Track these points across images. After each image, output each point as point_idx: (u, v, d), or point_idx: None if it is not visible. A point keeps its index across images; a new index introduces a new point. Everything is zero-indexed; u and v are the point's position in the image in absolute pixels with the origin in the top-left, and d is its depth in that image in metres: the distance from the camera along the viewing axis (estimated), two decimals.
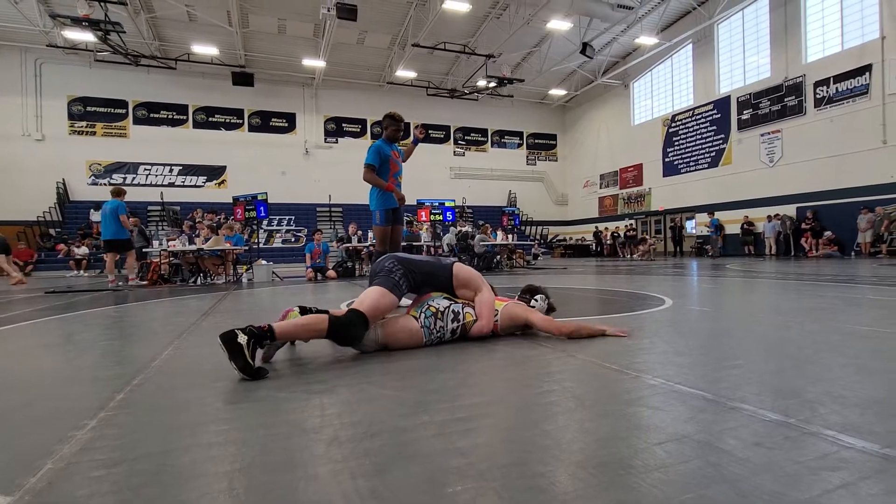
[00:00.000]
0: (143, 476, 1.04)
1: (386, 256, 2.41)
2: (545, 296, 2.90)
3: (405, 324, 2.31)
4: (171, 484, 1.00)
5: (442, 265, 2.53)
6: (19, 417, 1.49)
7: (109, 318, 4.05)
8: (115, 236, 7.81)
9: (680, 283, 6.12)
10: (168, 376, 1.96)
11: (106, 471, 1.07)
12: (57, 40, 16.45)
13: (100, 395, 1.66)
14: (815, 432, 1.19)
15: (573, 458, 1.10)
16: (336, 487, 0.98)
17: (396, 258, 2.39)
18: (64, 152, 18.38)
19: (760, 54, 16.28)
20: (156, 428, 1.34)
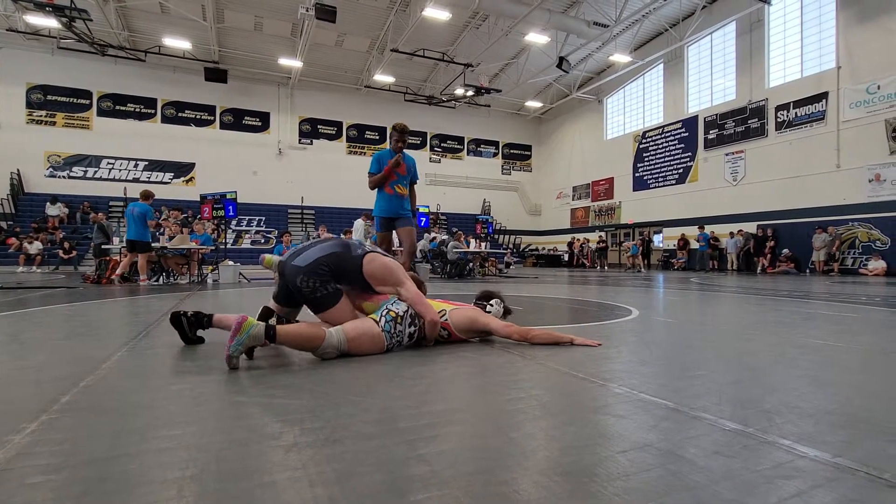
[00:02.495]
0: (86, 483, 0.98)
1: (294, 274, 2.24)
2: (500, 300, 2.88)
3: (368, 329, 2.22)
4: (115, 492, 0.94)
5: (352, 256, 2.32)
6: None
7: (61, 316, 3.85)
8: (138, 237, 7.82)
9: (646, 295, 6.26)
10: (120, 378, 1.86)
11: (44, 477, 1.00)
12: (18, 25, 15.69)
13: (43, 397, 1.56)
14: (771, 441, 1.22)
15: (538, 465, 1.10)
16: (294, 495, 0.94)
17: (302, 271, 2.22)
18: (20, 142, 17.50)
19: (727, 77, 16.98)
20: (103, 432, 1.26)
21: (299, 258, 2.27)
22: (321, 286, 2.22)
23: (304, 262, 2.24)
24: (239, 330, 1.91)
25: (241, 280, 8.73)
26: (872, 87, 12.90)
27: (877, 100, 12.84)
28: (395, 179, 4.48)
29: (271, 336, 1.96)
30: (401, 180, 4.52)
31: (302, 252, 2.30)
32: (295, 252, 2.33)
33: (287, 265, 2.29)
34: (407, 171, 4.55)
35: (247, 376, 1.89)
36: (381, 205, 4.51)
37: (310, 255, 2.26)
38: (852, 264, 13.37)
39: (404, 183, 4.55)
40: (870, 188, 13.02)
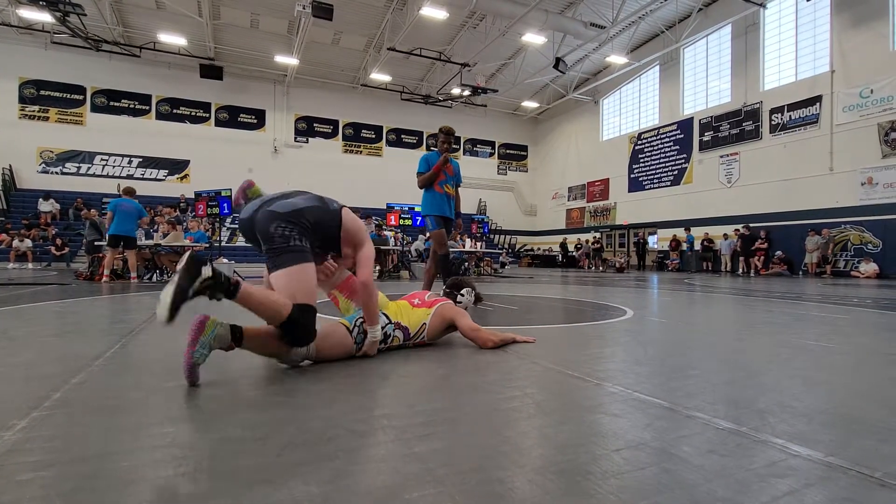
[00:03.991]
0: (76, 480, 0.97)
1: (269, 219, 1.90)
2: (471, 289, 2.84)
3: (340, 339, 2.07)
4: (106, 489, 0.93)
5: (330, 210, 2.11)
6: None
7: (53, 313, 3.81)
8: (131, 233, 7.80)
9: (641, 296, 6.28)
10: (112, 375, 1.84)
11: (34, 474, 0.99)
12: (10, 18, 15.55)
13: (34, 394, 1.54)
14: (764, 440, 1.23)
15: (532, 464, 1.10)
16: (287, 494, 0.93)
17: (281, 217, 1.90)
18: (12, 137, 17.32)
19: (722, 79, 17.07)
20: (94, 429, 1.25)
21: (278, 204, 1.96)
22: (298, 237, 1.90)
23: (285, 209, 1.94)
24: (202, 330, 1.64)
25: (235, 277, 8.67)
26: (866, 91, 13.01)
27: (870, 104, 12.95)
28: (444, 179, 4.57)
29: (238, 338, 1.72)
30: (448, 181, 4.60)
31: (279, 200, 2.01)
32: (269, 199, 2.02)
33: (261, 211, 1.94)
34: (455, 173, 4.65)
35: (238, 376, 1.88)
36: (434, 203, 4.56)
37: (292, 204, 1.97)
38: (844, 266, 13.48)
39: (451, 184, 4.63)
40: (862, 191, 13.13)
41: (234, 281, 1.70)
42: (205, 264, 1.64)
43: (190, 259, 1.61)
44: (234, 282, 1.69)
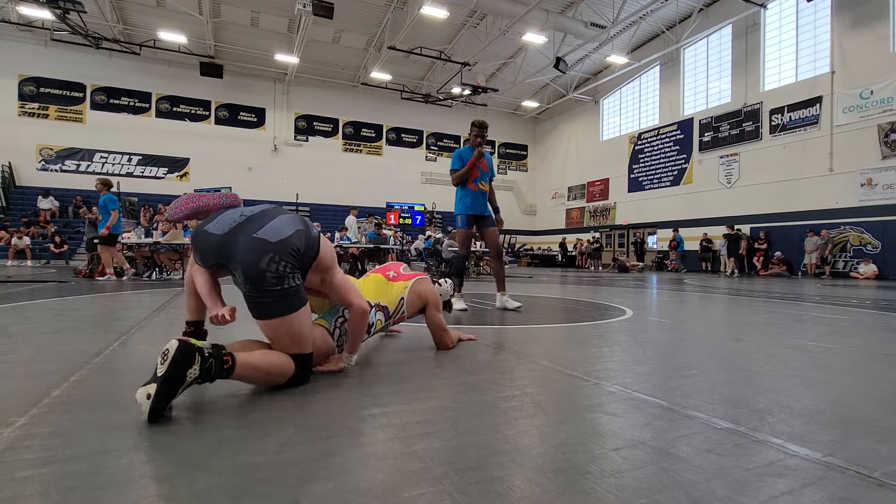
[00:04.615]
0: (75, 478, 0.97)
1: (258, 251, 1.53)
2: (453, 286, 2.76)
3: (322, 344, 1.86)
4: (105, 487, 0.93)
5: (312, 235, 1.70)
6: None
7: (52, 310, 3.81)
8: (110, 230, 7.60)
9: (640, 296, 6.29)
10: (112, 373, 1.84)
11: (34, 471, 0.99)
12: (10, 15, 15.52)
13: (34, 391, 1.54)
14: (763, 440, 1.23)
15: (531, 462, 1.10)
16: (285, 492, 0.93)
17: (273, 249, 1.55)
18: (12, 134, 17.29)
19: (722, 80, 17.07)
20: (93, 427, 1.25)
21: (265, 230, 1.58)
22: (292, 274, 1.57)
23: (275, 238, 1.56)
24: None
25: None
26: (866, 92, 13.01)
27: (870, 105, 12.96)
28: (478, 176, 4.41)
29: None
30: (483, 177, 4.44)
31: (261, 221, 1.61)
32: (246, 220, 1.63)
33: (244, 236, 1.56)
34: (488, 168, 4.49)
35: None
36: (466, 202, 4.38)
37: (279, 229, 1.59)
38: (843, 268, 13.49)
39: (486, 180, 4.46)
40: (862, 192, 13.14)
41: (226, 365, 1.40)
42: (192, 363, 1.31)
43: (177, 354, 1.28)
44: (228, 366, 1.40)
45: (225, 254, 1.60)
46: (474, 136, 4.40)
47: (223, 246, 1.60)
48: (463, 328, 3.29)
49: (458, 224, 4.42)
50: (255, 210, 1.71)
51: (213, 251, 1.62)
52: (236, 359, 1.43)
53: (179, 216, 1.82)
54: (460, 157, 4.44)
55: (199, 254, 1.67)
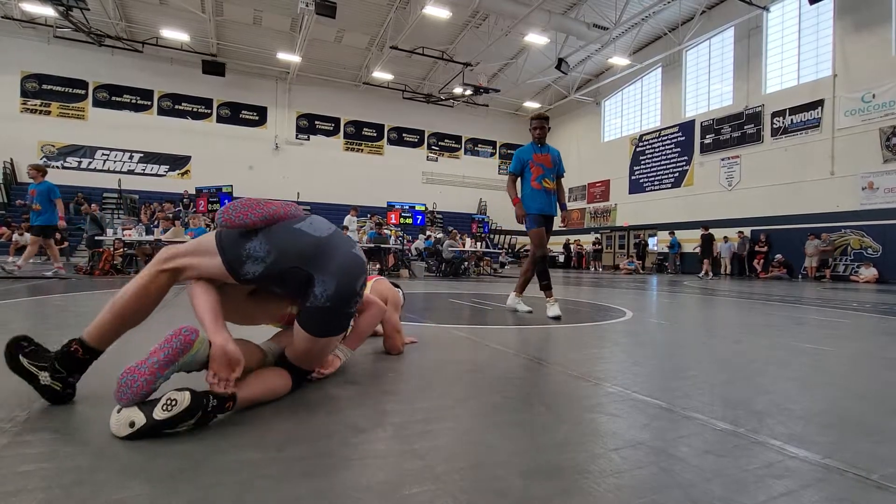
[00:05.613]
0: (77, 473, 0.97)
1: (360, 270, 1.50)
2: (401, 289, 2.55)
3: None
4: (105, 482, 0.94)
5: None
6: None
7: (54, 306, 3.82)
8: (49, 223, 6.92)
9: (640, 297, 6.29)
10: (113, 368, 1.84)
11: (36, 465, 1.00)
12: (13, 12, 15.52)
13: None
14: (762, 442, 1.24)
15: (531, 461, 1.10)
16: (288, 489, 0.94)
17: (365, 272, 1.55)
18: (14, 131, 17.30)
19: (724, 82, 17.07)
20: (95, 422, 1.26)
21: (358, 250, 1.55)
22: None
23: (364, 261, 1.57)
24: (186, 350, 1.26)
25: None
26: (867, 95, 13.01)
27: (871, 108, 12.95)
28: (542, 173, 4.06)
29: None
30: (546, 174, 4.08)
31: (350, 240, 1.57)
32: (340, 240, 1.52)
33: (344, 248, 1.50)
34: (553, 163, 4.14)
35: None
36: (533, 201, 4.08)
37: (358, 251, 1.55)
38: (844, 271, 13.49)
39: (551, 176, 4.12)
40: (863, 196, 13.13)
41: (227, 405, 1.28)
42: (192, 418, 1.18)
43: (184, 414, 1.16)
44: (228, 407, 1.28)
45: (319, 258, 1.43)
46: (533, 130, 4.12)
47: (320, 249, 1.44)
48: (466, 328, 3.29)
49: (527, 224, 4.13)
50: (324, 223, 1.55)
51: (303, 253, 1.42)
52: (237, 400, 1.31)
53: (252, 221, 1.41)
54: (519, 159, 4.16)
55: (278, 253, 1.40)
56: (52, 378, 1.34)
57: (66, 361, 1.38)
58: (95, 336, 1.42)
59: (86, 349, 1.40)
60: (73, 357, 1.38)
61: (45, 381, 1.34)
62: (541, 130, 4.09)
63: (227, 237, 1.45)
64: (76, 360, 1.39)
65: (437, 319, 3.72)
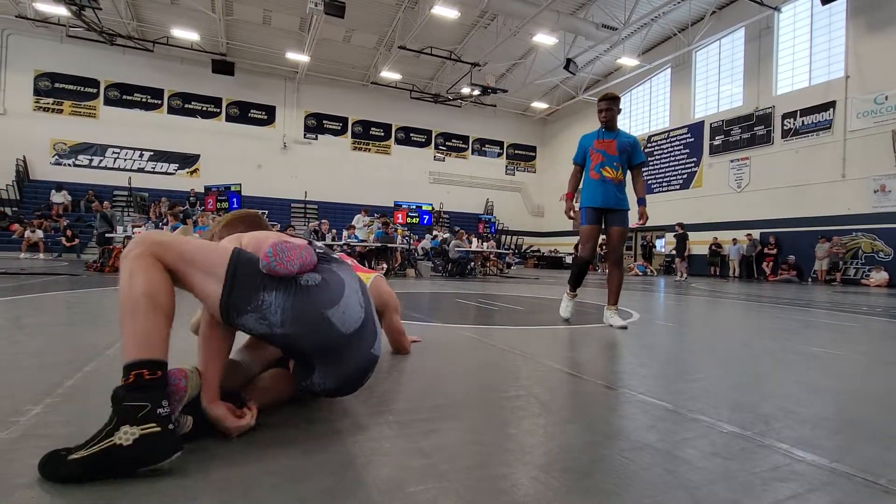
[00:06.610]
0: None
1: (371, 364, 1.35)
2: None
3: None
4: (119, 474, 0.95)
5: None
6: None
7: (64, 302, 3.87)
8: None
9: (647, 299, 6.26)
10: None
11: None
12: (27, 12, 15.72)
13: (47, 381, 1.57)
14: (769, 445, 1.23)
15: (536, 461, 1.11)
16: (293, 486, 0.95)
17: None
18: (27, 129, 17.53)
19: (734, 83, 16.92)
20: (106, 416, 1.27)
21: (378, 344, 1.37)
22: None
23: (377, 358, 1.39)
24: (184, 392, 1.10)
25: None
26: (880, 97, 12.84)
27: (884, 110, 12.79)
28: (601, 161, 3.63)
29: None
30: (607, 162, 3.61)
31: (371, 337, 1.33)
32: (365, 335, 1.29)
33: (367, 359, 1.32)
34: (620, 150, 3.62)
35: None
36: (585, 192, 3.70)
37: (378, 349, 1.37)
38: (854, 275, 13.33)
39: (614, 165, 3.62)
40: (875, 199, 12.97)
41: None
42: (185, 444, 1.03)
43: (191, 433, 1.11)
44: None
45: (333, 356, 1.24)
46: (599, 112, 3.67)
47: (341, 347, 1.24)
48: (471, 328, 3.29)
49: (581, 219, 3.71)
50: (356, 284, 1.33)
51: (319, 346, 1.21)
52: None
53: (291, 271, 1.17)
54: (582, 147, 3.77)
55: (293, 331, 1.15)
56: (137, 425, 0.96)
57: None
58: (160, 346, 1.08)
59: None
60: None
61: (126, 438, 0.94)
62: (607, 113, 3.61)
63: (245, 270, 1.15)
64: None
65: (444, 319, 3.72)
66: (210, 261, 1.15)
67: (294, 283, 1.17)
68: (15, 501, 0.84)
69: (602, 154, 3.64)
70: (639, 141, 3.78)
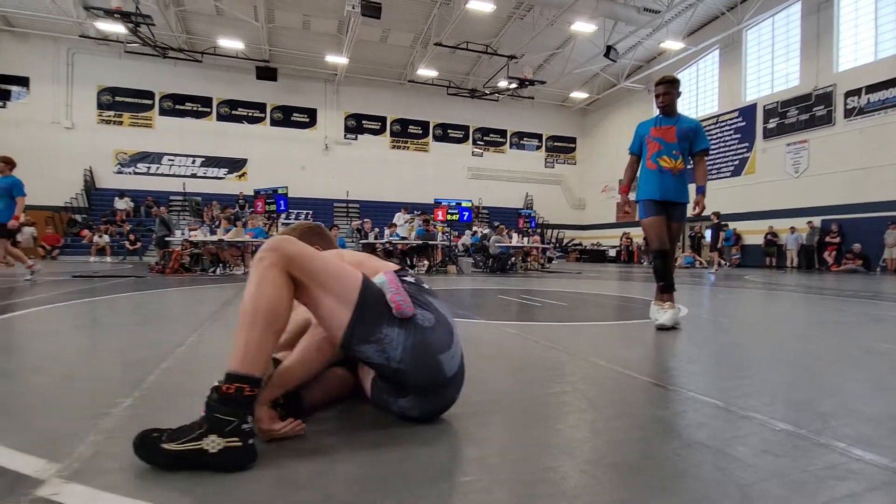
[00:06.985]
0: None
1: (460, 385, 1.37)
2: None
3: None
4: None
5: None
6: (61, 392, 1.58)
7: (135, 303, 4.19)
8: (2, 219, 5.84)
9: (696, 293, 6.06)
10: (197, 360, 2.03)
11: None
12: (89, 31, 16.88)
13: (132, 377, 1.74)
14: (825, 443, 1.21)
15: (584, 455, 1.14)
16: (342, 476, 1.02)
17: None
18: (92, 141, 18.86)
19: (790, 62, 15.93)
20: (188, 409, 1.40)
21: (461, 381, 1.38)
22: None
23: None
24: None
25: None
26: None
27: None
28: (658, 150, 3.33)
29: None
30: (666, 150, 3.31)
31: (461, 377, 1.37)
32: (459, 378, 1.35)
33: (452, 397, 1.35)
34: (680, 137, 3.30)
35: None
36: (642, 184, 3.43)
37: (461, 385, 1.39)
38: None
39: (672, 154, 3.30)
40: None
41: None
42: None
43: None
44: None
45: (430, 391, 1.28)
46: (658, 97, 3.40)
47: (439, 386, 1.28)
48: (515, 325, 3.32)
49: (639, 213, 3.44)
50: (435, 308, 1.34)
51: (423, 382, 1.26)
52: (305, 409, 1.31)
53: (414, 314, 1.24)
54: (636, 134, 3.55)
55: (407, 368, 1.21)
56: (223, 437, 1.02)
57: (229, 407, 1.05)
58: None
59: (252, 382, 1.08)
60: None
61: (212, 447, 1.01)
62: (664, 97, 3.33)
63: (372, 304, 1.20)
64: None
65: (487, 316, 3.77)
66: (342, 287, 1.19)
67: (412, 321, 1.23)
68: (116, 480, 0.96)
69: (659, 142, 3.34)
70: (702, 125, 3.40)
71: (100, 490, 0.92)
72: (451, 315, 1.37)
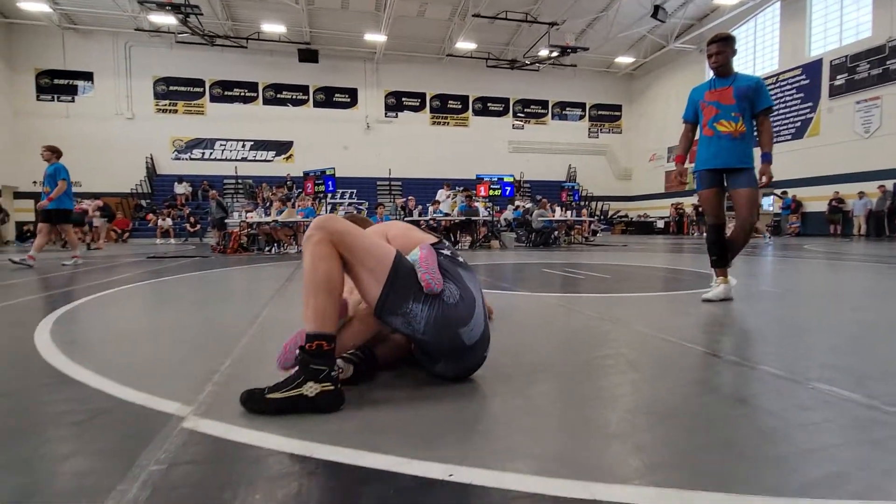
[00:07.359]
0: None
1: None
2: None
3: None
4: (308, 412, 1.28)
5: None
6: (176, 354, 1.87)
7: (208, 280, 4.60)
8: (59, 205, 6.23)
9: (749, 264, 5.91)
10: (273, 328, 2.30)
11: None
12: (143, 24, 17.73)
13: (226, 342, 2.01)
14: (871, 405, 1.29)
15: (624, 406, 1.28)
16: (412, 419, 1.22)
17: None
18: (151, 130, 20.01)
19: (861, 11, 14.57)
20: (274, 368, 1.64)
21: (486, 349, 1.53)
22: None
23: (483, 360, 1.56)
24: None
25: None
26: None
27: None
28: (715, 114, 3.10)
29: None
30: (724, 114, 3.08)
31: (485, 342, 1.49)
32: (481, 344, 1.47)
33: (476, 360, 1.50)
34: (739, 97, 3.03)
35: None
36: (700, 152, 3.22)
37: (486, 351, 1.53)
38: None
39: (732, 116, 3.06)
40: None
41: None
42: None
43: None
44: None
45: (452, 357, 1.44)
46: (708, 58, 3.18)
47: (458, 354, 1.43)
48: (558, 296, 3.43)
49: (696, 184, 3.28)
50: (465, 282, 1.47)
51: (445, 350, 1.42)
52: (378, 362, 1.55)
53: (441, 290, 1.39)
54: (689, 101, 3.32)
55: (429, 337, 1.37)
56: (318, 383, 1.23)
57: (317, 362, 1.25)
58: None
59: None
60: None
61: (312, 391, 1.22)
62: (717, 57, 3.09)
63: (403, 279, 1.35)
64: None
65: (530, 288, 3.90)
66: (377, 262, 1.35)
67: (438, 298, 1.37)
68: (238, 419, 1.19)
69: (715, 106, 3.10)
70: (763, 82, 3.10)
71: (229, 424, 1.15)
72: (478, 288, 1.49)
